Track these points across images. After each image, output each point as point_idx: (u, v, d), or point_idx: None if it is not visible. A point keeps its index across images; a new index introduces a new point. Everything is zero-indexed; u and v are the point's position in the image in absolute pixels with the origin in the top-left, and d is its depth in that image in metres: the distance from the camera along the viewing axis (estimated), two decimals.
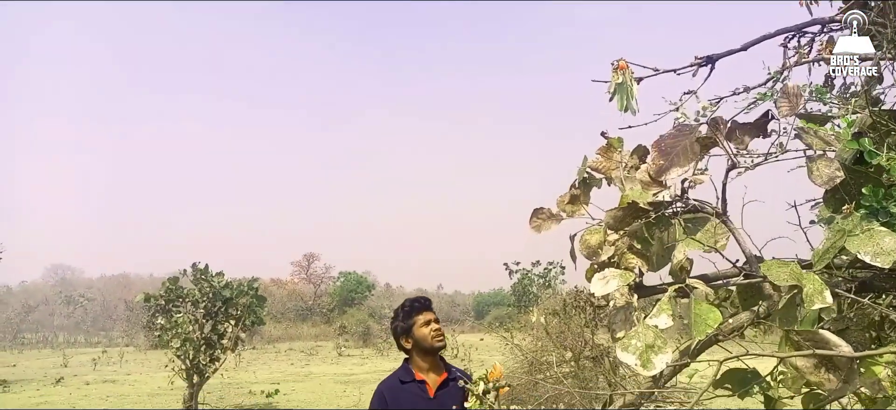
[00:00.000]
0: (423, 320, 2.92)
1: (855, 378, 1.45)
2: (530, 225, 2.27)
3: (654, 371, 1.64)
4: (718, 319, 1.56)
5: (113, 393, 15.83)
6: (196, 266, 11.78)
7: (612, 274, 1.82)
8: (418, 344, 2.90)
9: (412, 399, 2.80)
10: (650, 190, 1.86)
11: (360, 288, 51.66)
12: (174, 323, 11.16)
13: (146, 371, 22.66)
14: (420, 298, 3.03)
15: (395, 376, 2.95)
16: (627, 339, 1.71)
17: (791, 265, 1.60)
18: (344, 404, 13.41)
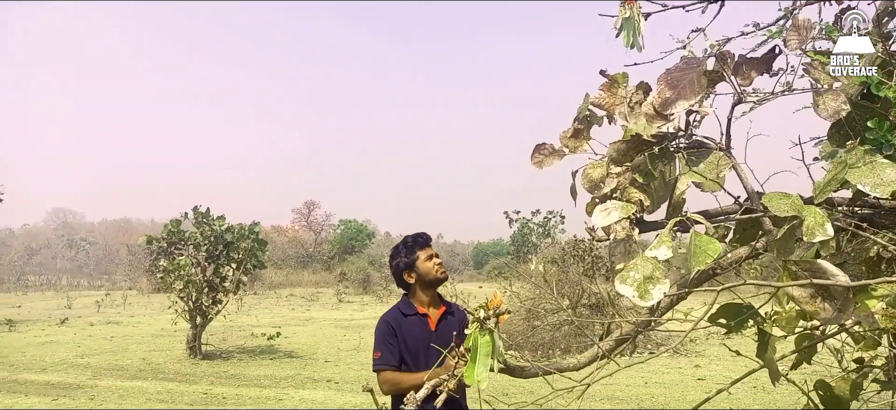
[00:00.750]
0: (425, 255, 3.01)
1: (850, 307, 1.47)
2: (532, 161, 2.27)
3: (652, 301, 1.66)
4: (718, 250, 1.57)
5: (117, 334, 16.07)
6: (198, 209, 11.82)
7: (614, 205, 1.83)
8: (422, 278, 2.99)
9: (416, 330, 2.91)
10: (655, 123, 1.85)
11: (360, 236, 51.93)
12: (177, 266, 11.25)
13: (149, 313, 22.96)
14: (421, 234, 3.09)
15: (396, 309, 3.03)
16: (626, 271, 1.73)
17: (793, 197, 1.60)
18: (344, 347, 13.62)
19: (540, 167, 2.25)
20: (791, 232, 1.56)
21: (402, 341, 2.91)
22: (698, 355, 11.93)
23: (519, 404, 2.28)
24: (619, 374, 9.81)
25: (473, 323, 1.73)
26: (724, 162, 1.85)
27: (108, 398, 8.47)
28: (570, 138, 2.15)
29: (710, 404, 7.92)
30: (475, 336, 1.73)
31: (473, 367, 1.73)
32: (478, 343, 1.73)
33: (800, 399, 7.50)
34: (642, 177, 1.92)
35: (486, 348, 1.73)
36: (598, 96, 2.21)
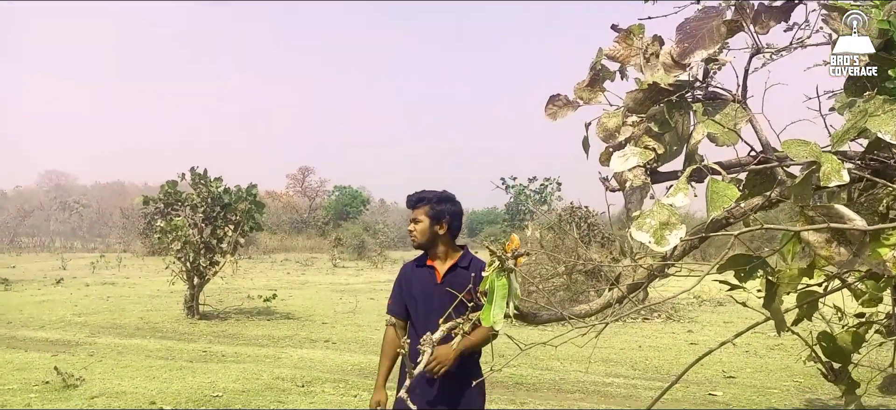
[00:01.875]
0: (410, 218, 3.11)
1: (865, 251, 1.50)
2: (546, 112, 2.27)
3: (668, 246, 1.68)
4: (736, 194, 1.59)
5: (113, 294, 16.11)
6: (195, 170, 11.77)
7: (632, 151, 1.84)
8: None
9: (421, 281, 3.03)
10: (672, 72, 1.86)
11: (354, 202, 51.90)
12: (174, 227, 11.24)
13: (144, 275, 22.99)
14: (409, 196, 3.13)
15: (412, 262, 3.18)
16: (642, 218, 1.75)
17: (811, 144, 1.62)
18: (341, 310, 13.71)
19: (553, 118, 2.25)
20: (808, 179, 1.58)
21: (407, 290, 3.04)
22: (691, 321, 12.08)
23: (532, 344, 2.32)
24: (614, 337, 9.94)
25: (491, 266, 1.75)
26: (741, 114, 1.86)
27: (108, 354, 8.53)
28: (584, 89, 2.15)
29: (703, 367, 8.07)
30: (492, 278, 1.75)
31: (490, 309, 1.75)
32: (495, 286, 1.75)
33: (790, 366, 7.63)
34: (658, 126, 1.93)
35: (503, 291, 1.75)
36: (613, 49, 2.21)
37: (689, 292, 1.87)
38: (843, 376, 2.53)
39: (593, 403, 6.26)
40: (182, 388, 6.64)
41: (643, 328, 11.39)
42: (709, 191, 1.67)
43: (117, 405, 5.98)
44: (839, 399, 6.25)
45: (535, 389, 6.85)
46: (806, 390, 6.74)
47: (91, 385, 6.71)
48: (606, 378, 7.42)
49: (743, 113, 1.84)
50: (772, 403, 6.21)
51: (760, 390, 6.74)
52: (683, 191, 1.74)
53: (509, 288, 1.76)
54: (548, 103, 2.24)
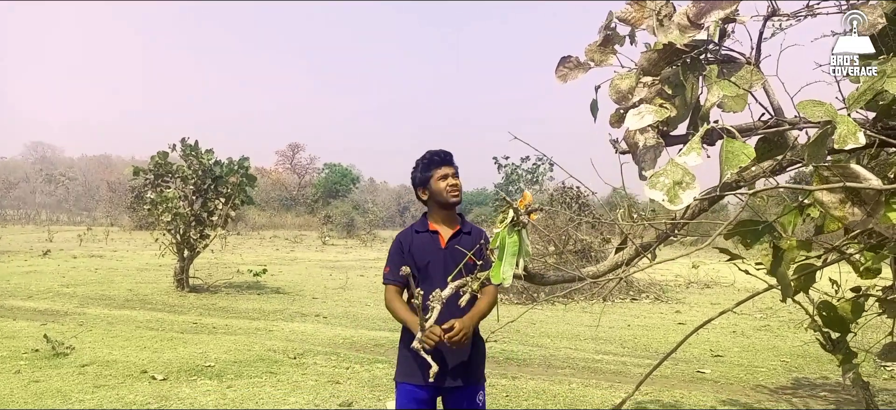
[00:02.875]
0: (440, 174, 2.94)
1: (880, 210, 1.50)
2: (556, 74, 2.25)
3: (682, 205, 1.68)
4: (752, 154, 1.59)
5: (101, 267, 16.01)
6: (186, 141, 11.65)
7: (647, 109, 1.83)
8: (434, 197, 2.96)
9: (426, 247, 2.92)
10: (688, 32, 1.84)
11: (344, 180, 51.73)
12: (165, 199, 11.15)
13: (132, 249, 22.85)
14: (440, 151, 3.01)
15: (411, 227, 3.06)
16: (656, 177, 1.74)
17: (827, 105, 1.62)
18: (331, 285, 13.71)
19: (564, 80, 2.24)
20: (823, 138, 1.58)
21: (410, 256, 2.92)
22: (679, 302, 12.19)
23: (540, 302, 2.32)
24: (603, 316, 10.01)
25: (501, 222, 1.74)
26: (757, 75, 1.86)
27: (97, 324, 8.48)
28: (596, 50, 2.13)
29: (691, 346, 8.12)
30: (503, 235, 1.74)
31: (500, 265, 1.75)
32: (505, 243, 1.74)
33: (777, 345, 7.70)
34: (672, 88, 1.92)
35: (514, 247, 1.75)
36: (625, 11, 2.19)
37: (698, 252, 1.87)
38: (841, 346, 2.55)
39: (583, 378, 6.31)
40: (173, 358, 6.62)
41: (632, 308, 11.49)
42: (723, 151, 1.66)
43: (108, 373, 5.96)
44: (824, 378, 6.35)
45: (525, 364, 6.89)
46: (792, 369, 6.83)
47: (81, 354, 6.68)
48: (596, 354, 7.48)
49: (758, 74, 1.83)
50: (758, 381, 6.29)
51: (747, 368, 6.83)
52: (697, 150, 1.73)
53: (520, 246, 1.75)
54: (559, 65, 2.22)
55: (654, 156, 1.85)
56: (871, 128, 1.94)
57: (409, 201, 69.44)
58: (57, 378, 5.75)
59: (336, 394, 5.46)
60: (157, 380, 5.73)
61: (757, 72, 1.84)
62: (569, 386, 5.96)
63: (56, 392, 5.29)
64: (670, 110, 1.95)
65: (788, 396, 5.79)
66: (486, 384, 2.97)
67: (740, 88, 1.78)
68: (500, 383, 5.98)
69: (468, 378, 2.91)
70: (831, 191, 1.56)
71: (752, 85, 1.82)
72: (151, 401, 5.12)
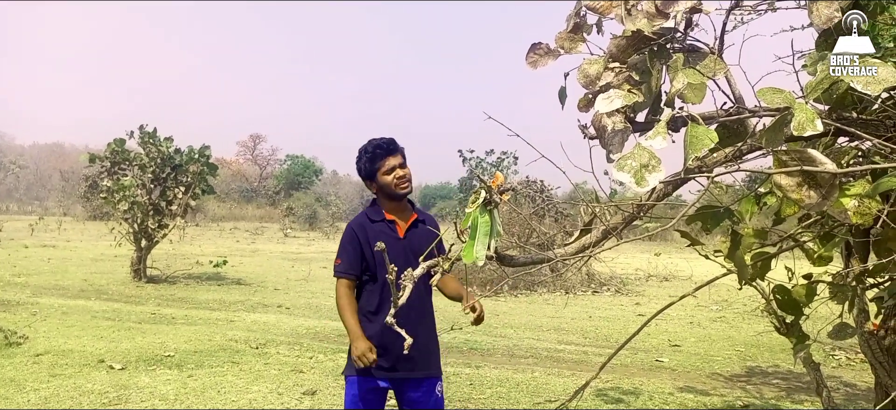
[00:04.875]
0: (387, 166, 2.81)
1: (834, 194, 1.58)
2: (527, 61, 2.29)
3: (648, 187, 1.73)
4: (715, 138, 1.65)
5: (54, 256, 15.55)
6: (144, 128, 11.39)
7: (616, 94, 1.88)
8: (382, 190, 2.85)
9: (383, 237, 2.75)
10: (655, 21, 1.90)
11: (306, 172, 51.21)
12: (121, 186, 10.88)
13: (86, 239, 22.26)
14: (385, 141, 2.84)
15: (364, 214, 2.93)
16: (623, 160, 1.79)
17: (785, 92, 1.69)
18: (293, 277, 13.59)
19: (534, 67, 2.27)
20: (780, 124, 1.65)
21: (366, 246, 2.79)
22: (639, 295, 12.44)
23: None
24: (565, 308, 10.16)
25: (473, 203, 1.77)
26: (720, 65, 1.92)
27: (51, 314, 8.25)
28: (567, 37, 2.17)
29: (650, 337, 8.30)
30: (475, 215, 1.77)
31: (472, 245, 1.78)
32: (477, 223, 1.77)
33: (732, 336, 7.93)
34: (639, 75, 1.97)
35: (486, 228, 1.78)
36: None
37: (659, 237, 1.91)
38: (794, 329, 2.66)
39: (546, 367, 6.41)
40: (131, 347, 6.49)
41: (593, 300, 11.69)
42: (688, 135, 1.72)
43: (64, 362, 5.82)
44: (776, 366, 6.58)
45: (489, 354, 6.96)
46: (747, 358, 7.06)
47: (35, 343, 6.50)
48: (558, 345, 7.60)
49: (721, 64, 1.90)
50: (714, 369, 6.48)
51: (704, 357, 7.03)
52: (662, 134, 1.78)
53: (492, 226, 1.78)
54: (529, 52, 2.25)
55: (622, 140, 1.90)
56: (826, 119, 2.03)
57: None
58: (10, 367, 5.59)
59: (299, 383, 5.44)
60: (115, 370, 5.62)
61: (720, 61, 1.90)
62: (531, 375, 6.05)
63: (10, 382, 5.14)
64: (638, 95, 2.00)
65: (743, 383, 5.98)
66: (451, 372, 2.99)
67: (704, 76, 1.84)
68: (464, 372, 6.03)
69: (428, 370, 2.87)
70: (789, 175, 1.62)
71: (715, 73, 1.88)
72: (109, 390, 5.02)
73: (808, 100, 1.74)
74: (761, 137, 1.73)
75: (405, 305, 2.43)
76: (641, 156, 1.76)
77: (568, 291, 12.42)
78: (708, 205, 2.20)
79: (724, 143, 2.18)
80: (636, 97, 1.85)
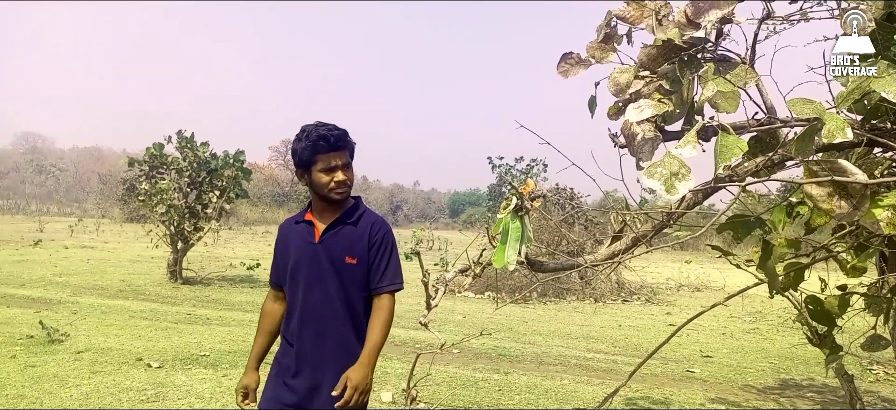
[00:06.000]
0: (326, 164, 2.33)
1: (865, 204, 1.58)
2: (558, 70, 2.33)
3: (678, 195, 1.76)
4: (745, 147, 1.67)
5: (93, 257, 15.97)
6: (181, 133, 11.67)
7: (646, 103, 1.91)
8: (314, 188, 2.39)
9: (299, 241, 2.42)
10: (686, 31, 1.92)
11: None
12: (159, 190, 11.15)
13: (123, 241, 22.78)
14: (333, 134, 2.32)
15: (296, 215, 2.56)
16: (653, 167, 1.82)
17: (816, 102, 1.70)
18: None
19: (565, 76, 2.31)
20: (811, 134, 1.66)
21: (284, 252, 2.46)
22: (670, 304, 12.31)
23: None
24: (594, 316, 10.11)
25: (505, 209, 1.81)
26: (751, 74, 1.94)
27: (91, 313, 8.49)
28: (597, 47, 2.21)
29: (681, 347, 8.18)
30: (506, 221, 1.82)
31: (503, 250, 1.82)
32: (509, 228, 1.82)
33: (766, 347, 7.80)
34: (669, 83, 2.00)
35: (517, 233, 1.82)
36: (623, 10, 2.27)
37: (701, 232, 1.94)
38: (827, 340, 2.64)
39: (574, 375, 6.39)
40: (168, 346, 6.66)
41: (623, 309, 11.59)
42: (718, 145, 1.74)
43: (104, 360, 5.99)
44: (811, 379, 6.46)
45: (517, 361, 6.97)
46: (780, 370, 6.94)
47: (76, 341, 6.71)
48: (587, 353, 7.57)
49: (752, 73, 1.91)
50: (747, 381, 6.39)
51: (736, 369, 6.93)
52: (692, 143, 1.81)
53: (523, 232, 1.82)
54: (560, 61, 2.30)
55: (652, 148, 1.92)
56: (859, 129, 2.03)
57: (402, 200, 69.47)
58: (53, 363, 5.78)
59: None
60: (152, 367, 5.77)
61: (751, 71, 1.92)
62: (560, 382, 6.04)
63: (53, 377, 5.32)
64: (668, 105, 2.02)
65: (776, 396, 5.89)
66: (479, 378, 2.87)
67: (734, 86, 1.86)
68: (493, 378, 6.05)
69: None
70: (820, 185, 1.64)
71: (747, 82, 1.90)
72: (148, 387, 5.16)
73: (840, 109, 1.74)
74: (791, 147, 1.74)
75: (307, 317, 2.35)
76: (671, 165, 1.79)
77: (597, 299, 12.35)
78: (739, 213, 2.21)
79: (756, 154, 2.19)
80: (666, 107, 1.88)
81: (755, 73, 1.92)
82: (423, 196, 76.01)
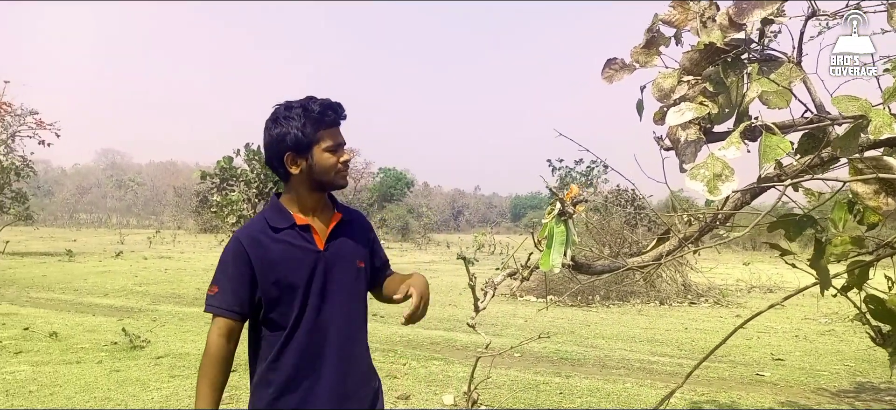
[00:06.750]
0: (332, 141, 1.91)
1: None
2: (602, 75, 2.37)
3: (721, 196, 1.78)
4: (788, 147, 1.68)
5: (170, 267, 16.77)
6: (249, 146, 12.16)
7: (687, 106, 1.93)
8: (314, 173, 1.91)
9: (293, 253, 1.89)
10: (729, 33, 1.94)
11: (399, 184, 52.34)
12: (229, 201, 11.66)
13: (198, 250, 23.78)
14: (336, 104, 1.93)
15: (261, 219, 1.95)
16: (696, 169, 1.85)
17: (861, 100, 1.69)
18: None
19: (610, 81, 2.36)
20: (855, 132, 1.66)
21: (263, 271, 1.85)
22: (739, 306, 11.94)
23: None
24: (660, 319, 9.94)
25: (549, 214, 1.87)
26: (795, 73, 1.93)
27: (169, 320, 8.96)
28: (641, 52, 2.24)
29: (752, 350, 7.98)
30: (551, 225, 1.88)
31: (548, 254, 1.88)
32: (553, 232, 1.88)
33: (841, 350, 7.53)
34: (713, 86, 2.02)
35: (561, 237, 1.88)
36: (668, 13, 2.29)
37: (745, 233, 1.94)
38: (891, 340, 2.57)
39: (638, 378, 6.32)
40: (241, 350, 6.94)
41: (690, 311, 11.33)
42: (762, 145, 1.76)
43: (182, 364, 6.33)
44: (889, 383, 6.19)
45: (579, 364, 6.94)
46: (856, 373, 6.67)
47: (156, 347, 7.10)
48: (651, 356, 7.47)
49: (798, 72, 1.91)
50: (820, 384, 6.17)
51: (809, 372, 6.70)
52: (736, 144, 1.83)
53: (567, 236, 1.88)
54: (605, 66, 2.34)
55: (695, 151, 1.95)
56: None
57: (463, 205, 69.66)
58: (135, 368, 6.15)
59: (393, 388, 5.66)
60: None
61: (796, 69, 1.92)
62: (623, 386, 5.99)
63: (135, 381, 5.67)
64: (711, 107, 2.04)
65: (850, 399, 5.67)
66: (540, 381, 2.85)
67: (779, 85, 1.86)
68: (554, 381, 6.06)
69: None
70: (866, 182, 1.63)
71: (792, 81, 1.90)
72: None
73: (887, 105, 1.73)
74: (836, 145, 1.74)
75: (322, 341, 1.90)
76: (715, 166, 1.81)
77: (663, 302, 12.10)
78: (788, 212, 2.19)
79: (809, 151, 2.18)
80: (707, 109, 1.90)
81: (800, 71, 1.92)
82: (485, 200, 76.09)
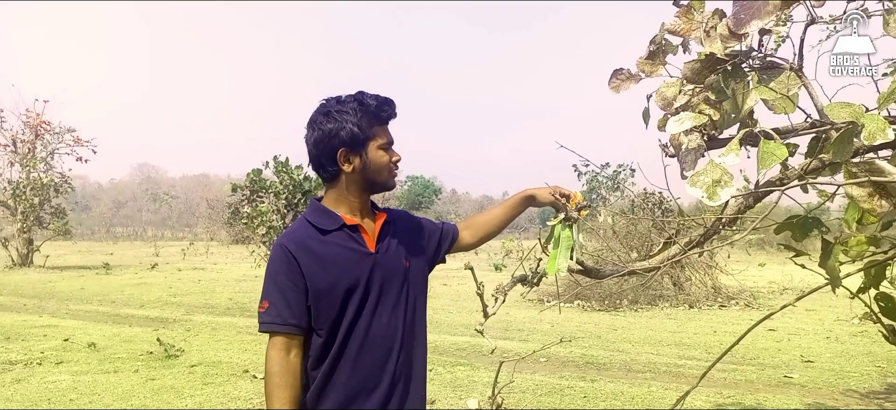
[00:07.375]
0: (385, 139, 1.85)
1: None
2: (609, 85, 2.45)
3: (720, 201, 1.85)
4: (785, 153, 1.73)
5: (203, 278, 17.14)
6: (277, 158, 12.41)
7: (686, 115, 2.00)
8: (367, 172, 1.83)
9: (343, 255, 1.79)
10: (729, 43, 2.01)
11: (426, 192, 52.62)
12: (259, 212, 11.91)
13: (230, 261, 24.24)
14: (390, 99, 1.87)
15: (304, 223, 1.85)
16: (696, 176, 1.92)
17: (854, 106, 1.75)
18: None
19: (617, 91, 2.43)
20: (847, 136, 1.71)
21: (314, 277, 1.74)
22: (770, 309, 11.79)
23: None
24: (688, 322, 9.88)
25: (556, 218, 1.96)
26: (794, 81, 1.99)
27: (203, 330, 9.20)
28: (646, 62, 2.32)
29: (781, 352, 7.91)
30: (558, 229, 1.96)
31: (555, 257, 1.96)
32: (560, 236, 1.96)
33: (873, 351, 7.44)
34: (715, 94, 2.08)
35: (568, 241, 1.96)
36: (674, 23, 2.36)
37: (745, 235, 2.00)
38: None
39: (664, 382, 6.33)
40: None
41: (720, 314, 11.23)
42: (760, 151, 1.82)
43: (214, 372, 6.52)
44: None
45: (605, 368, 6.97)
46: (888, 374, 6.57)
47: (190, 356, 7.32)
48: (679, 359, 7.45)
49: (796, 79, 1.97)
50: (849, 386, 6.11)
51: (839, 374, 6.62)
52: (735, 151, 1.89)
53: (573, 240, 1.96)
54: (611, 76, 2.42)
55: (695, 158, 2.01)
56: None
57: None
58: (170, 376, 6.35)
59: None
60: (257, 379, 6.23)
61: (794, 77, 1.97)
62: (648, 389, 6.01)
63: (170, 389, 5.87)
64: (712, 114, 2.11)
65: (881, 400, 5.61)
66: (565, 385, 2.86)
67: (777, 93, 1.92)
68: (578, 385, 6.10)
69: None
70: (860, 185, 1.69)
71: (790, 89, 1.96)
72: (253, 396, 5.59)
73: (881, 110, 1.78)
74: (828, 149, 1.79)
75: (384, 349, 1.79)
76: (714, 172, 1.88)
77: (692, 305, 12.01)
78: (796, 214, 2.24)
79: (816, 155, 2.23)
80: (705, 118, 1.97)
81: (799, 79, 1.97)
82: None
